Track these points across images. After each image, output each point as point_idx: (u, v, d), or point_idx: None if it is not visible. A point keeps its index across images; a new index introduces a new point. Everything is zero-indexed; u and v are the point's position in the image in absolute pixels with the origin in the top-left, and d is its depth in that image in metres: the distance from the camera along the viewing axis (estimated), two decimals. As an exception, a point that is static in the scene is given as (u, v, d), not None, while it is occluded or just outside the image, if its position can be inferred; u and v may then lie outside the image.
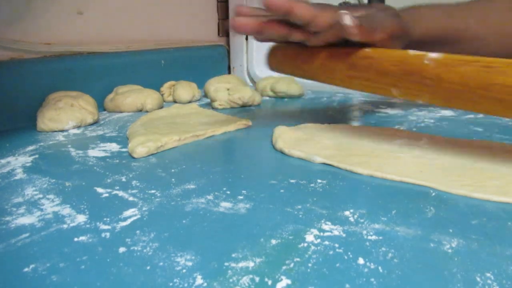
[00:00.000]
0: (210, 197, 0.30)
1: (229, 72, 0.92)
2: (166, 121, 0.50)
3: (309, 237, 0.24)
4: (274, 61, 0.46)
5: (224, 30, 0.92)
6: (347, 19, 0.34)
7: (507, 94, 0.29)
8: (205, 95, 0.69)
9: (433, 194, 0.30)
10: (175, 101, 0.68)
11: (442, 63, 0.32)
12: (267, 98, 0.72)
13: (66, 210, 0.28)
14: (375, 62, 0.36)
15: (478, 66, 0.30)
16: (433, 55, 0.32)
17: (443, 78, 0.31)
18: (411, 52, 0.34)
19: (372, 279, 0.20)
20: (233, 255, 0.22)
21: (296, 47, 0.43)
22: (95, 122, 0.54)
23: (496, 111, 0.31)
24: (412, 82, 0.34)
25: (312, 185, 0.32)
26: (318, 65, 0.40)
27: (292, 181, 0.33)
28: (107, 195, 0.30)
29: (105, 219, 0.27)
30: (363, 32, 0.36)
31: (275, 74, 0.82)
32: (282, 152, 0.40)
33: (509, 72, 0.29)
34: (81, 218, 0.27)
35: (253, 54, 0.87)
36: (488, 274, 0.20)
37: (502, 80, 0.29)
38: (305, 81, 0.80)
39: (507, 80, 0.29)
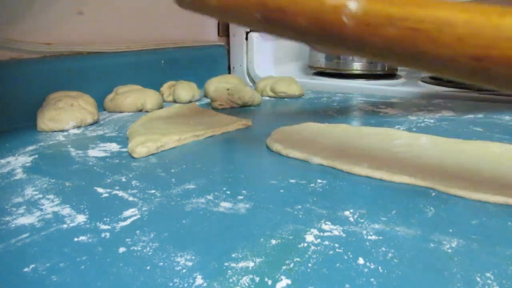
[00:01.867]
0: (210, 197, 0.30)
1: (229, 72, 0.92)
2: (166, 121, 0.50)
3: (309, 237, 0.24)
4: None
5: (224, 30, 0.92)
6: None
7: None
8: (205, 95, 0.69)
9: (433, 194, 0.30)
10: (175, 101, 0.68)
11: (364, 22, 0.25)
12: (267, 98, 0.72)
13: (66, 210, 0.28)
14: (288, 17, 0.28)
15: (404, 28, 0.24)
16: (353, 7, 0.25)
17: (365, 43, 0.25)
18: (329, 2, 0.26)
19: (372, 279, 0.20)
20: (233, 255, 0.22)
21: None
22: (95, 122, 0.54)
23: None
24: (332, 44, 0.27)
25: (312, 185, 0.32)
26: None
27: (292, 181, 0.33)
28: (107, 195, 0.30)
29: (105, 219, 0.27)
30: None
31: (275, 74, 0.82)
32: (280, 154, 0.40)
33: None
34: (81, 218, 0.27)
35: (253, 54, 0.87)
36: (488, 274, 0.20)
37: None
38: (305, 81, 0.81)
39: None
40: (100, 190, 0.31)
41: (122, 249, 0.23)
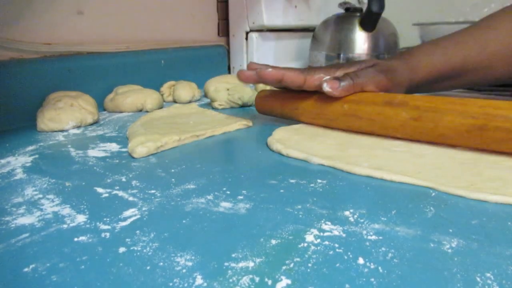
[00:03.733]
0: (210, 197, 0.30)
1: (229, 72, 0.92)
2: (166, 121, 0.50)
3: (309, 237, 0.24)
4: (260, 107, 0.53)
5: (224, 30, 0.92)
6: (326, 88, 0.42)
7: None
8: (205, 95, 0.69)
9: (433, 194, 0.30)
10: (175, 101, 0.68)
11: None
12: (267, 98, 0.72)
13: (66, 210, 0.28)
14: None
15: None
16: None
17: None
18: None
19: (372, 279, 0.20)
20: (233, 255, 0.22)
21: (281, 93, 0.50)
22: (95, 122, 0.54)
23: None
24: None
25: (312, 185, 0.32)
26: (310, 105, 0.46)
27: (292, 181, 0.33)
28: (107, 195, 0.30)
29: (105, 219, 0.27)
30: (349, 90, 0.42)
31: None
32: (280, 153, 0.40)
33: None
34: (81, 218, 0.27)
35: (253, 54, 0.87)
36: (488, 274, 0.20)
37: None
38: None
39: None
40: (100, 190, 0.31)
41: (122, 249, 0.23)
